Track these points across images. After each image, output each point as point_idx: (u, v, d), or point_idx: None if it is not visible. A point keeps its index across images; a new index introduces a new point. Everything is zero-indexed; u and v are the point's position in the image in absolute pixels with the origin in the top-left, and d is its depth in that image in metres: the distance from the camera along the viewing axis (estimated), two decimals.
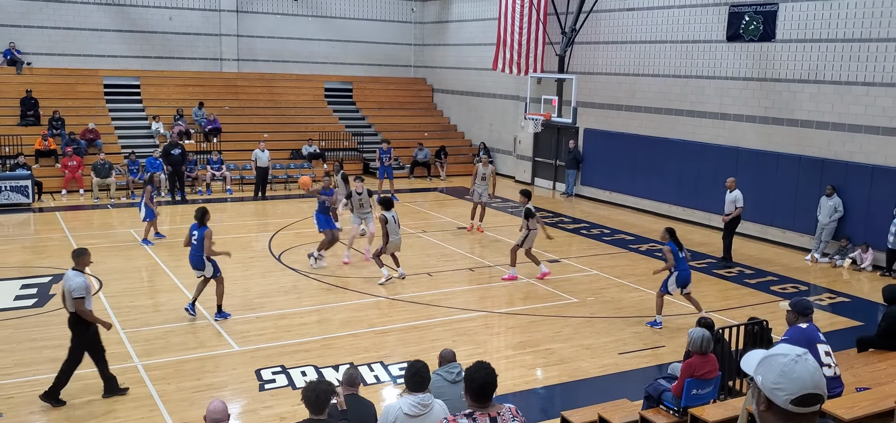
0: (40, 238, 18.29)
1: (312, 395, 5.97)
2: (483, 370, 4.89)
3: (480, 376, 4.85)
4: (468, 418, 4.76)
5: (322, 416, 6.00)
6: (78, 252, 9.64)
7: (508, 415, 4.85)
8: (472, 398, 4.86)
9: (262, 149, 23.66)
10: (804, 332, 7.66)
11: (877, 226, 16.91)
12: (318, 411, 5.96)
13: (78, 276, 9.30)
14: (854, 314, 13.82)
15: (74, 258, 9.56)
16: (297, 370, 10.49)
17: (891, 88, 16.82)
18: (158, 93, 28.72)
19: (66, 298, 9.28)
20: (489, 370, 4.90)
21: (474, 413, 4.79)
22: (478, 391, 4.84)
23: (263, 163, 23.65)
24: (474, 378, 4.85)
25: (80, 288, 9.18)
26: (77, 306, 9.23)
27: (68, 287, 9.19)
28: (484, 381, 4.84)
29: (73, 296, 9.18)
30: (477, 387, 4.84)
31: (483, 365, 4.93)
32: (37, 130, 24.68)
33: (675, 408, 7.98)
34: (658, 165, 22.36)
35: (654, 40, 22.59)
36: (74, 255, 9.61)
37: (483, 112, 30.68)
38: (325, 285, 14.68)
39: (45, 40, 27.73)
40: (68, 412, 9.20)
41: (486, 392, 4.85)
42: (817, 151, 18.34)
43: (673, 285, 12.66)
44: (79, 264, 9.50)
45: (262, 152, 23.63)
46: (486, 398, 4.85)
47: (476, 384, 4.84)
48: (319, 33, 32.20)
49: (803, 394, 2.59)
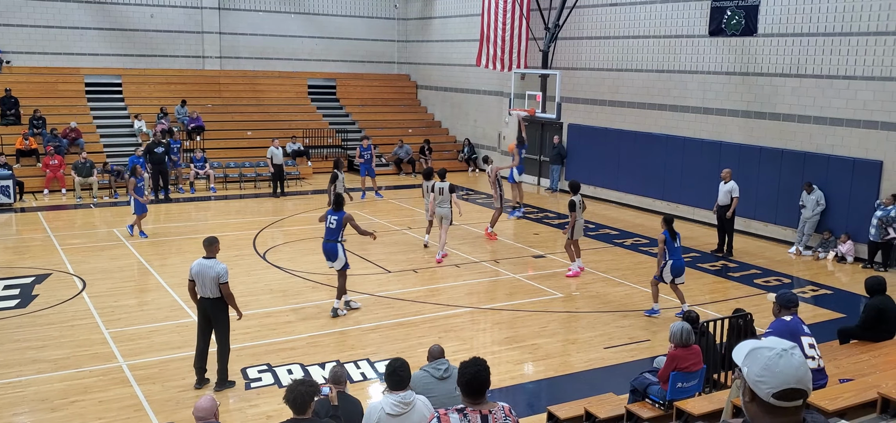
0: (22, 239, 18.13)
1: (294, 396, 5.96)
2: (474, 365, 4.86)
3: (470, 371, 4.84)
4: (459, 413, 4.74)
5: (306, 415, 5.99)
6: (209, 241, 9.92)
7: (501, 415, 4.81)
8: (463, 393, 4.86)
9: (276, 146, 23.76)
10: (788, 324, 7.72)
11: (858, 219, 17.07)
12: (301, 411, 5.95)
13: (217, 263, 9.66)
14: (836, 306, 13.96)
15: (206, 247, 9.83)
16: (284, 369, 10.47)
17: (871, 82, 16.98)
18: (140, 91, 28.53)
19: (207, 284, 9.58)
20: (480, 367, 4.86)
21: (466, 409, 4.77)
22: (466, 387, 4.84)
23: (278, 160, 23.78)
24: (464, 373, 4.85)
25: (225, 273, 9.62)
26: (224, 290, 9.62)
27: (212, 274, 9.54)
28: (472, 376, 4.81)
29: (220, 281, 9.58)
30: (465, 382, 4.84)
31: (476, 361, 4.90)
32: (17, 130, 24.45)
33: (661, 401, 8.03)
34: (642, 160, 22.46)
35: (637, 35, 22.68)
36: (206, 243, 9.88)
37: (467, 108, 30.69)
38: (310, 284, 14.65)
39: (25, 39, 27.46)
40: (55, 414, 9.13)
41: (475, 388, 4.82)
42: (799, 145, 18.49)
43: (668, 274, 12.73)
44: (210, 252, 9.80)
45: (276, 150, 23.73)
46: (477, 394, 4.82)
47: (465, 378, 4.84)
48: (302, 30, 32.08)
49: (785, 389, 2.61)
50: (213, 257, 9.76)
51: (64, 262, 15.62)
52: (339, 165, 18.97)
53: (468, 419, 4.71)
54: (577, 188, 15.62)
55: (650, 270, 16.21)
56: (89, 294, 13.57)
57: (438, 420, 4.74)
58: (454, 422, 4.71)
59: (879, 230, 16.31)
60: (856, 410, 6.85)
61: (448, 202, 16.68)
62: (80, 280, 14.36)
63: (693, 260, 17.08)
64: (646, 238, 19.04)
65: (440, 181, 16.83)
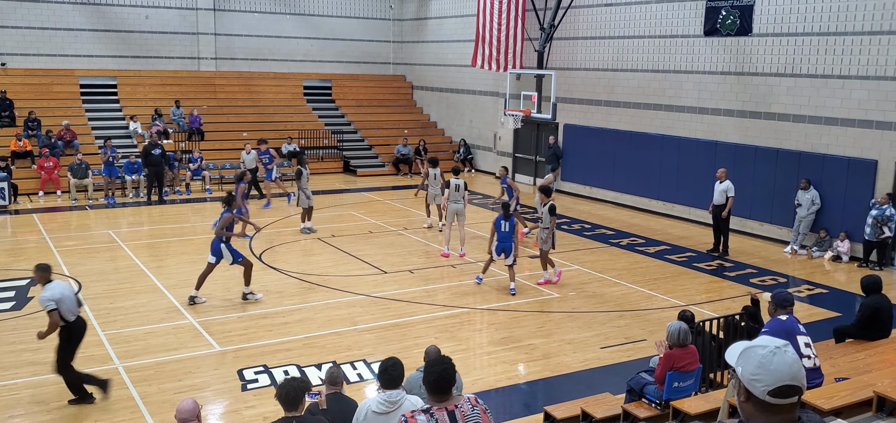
0: (17, 241, 18.08)
1: (285, 392, 5.95)
2: (440, 364, 4.88)
3: (436, 370, 4.84)
4: (426, 414, 4.76)
5: (298, 413, 5.99)
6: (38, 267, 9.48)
7: (467, 407, 4.84)
8: (430, 392, 4.86)
9: (247, 151, 23.07)
10: (784, 324, 7.73)
11: (853, 218, 17.11)
12: (293, 407, 5.95)
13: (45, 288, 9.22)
14: (832, 305, 13.99)
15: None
16: (280, 370, 10.46)
17: (866, 81, 17.02)
18: (135, 92, 28.47)
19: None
20: (447, 365, 4.88)
21: (432, 408, 4.79)
22: (433, 386, 4.84)
23: (250, 165, 23.08)
24: (431, 372, 4.86)
25: (44, 300, 9.12)
26: None
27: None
28: (439, 376, 4.83)
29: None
30: (432, 382, 4.85)
31: (443, 359, 4.93)
32: (12, 131, 24.39)
33: (657, 401, 8.04)
34: (637, 160, 22.49)
35: (632, 36, 22.71)
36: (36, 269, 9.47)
37: (463, 109, 30.69)
38: (306, 285, 14.64)
39: (19, 40, 27.40)
40: (51, 416, 9.11)
41: (442, 387, 4.84)
42: (794, 144, 18.53)
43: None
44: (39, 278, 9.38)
45: (247, 154, 23.03)
46: (445, 393, 4.84)
47: (432, 377, 4.84)
48: (298, 31, 32.06)
49: (780, 386, 2.62)
50: (41, 283, 9.28)
51: (59, 264, 15.58)
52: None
53: (435, 418, 4.74)
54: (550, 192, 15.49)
55: (648, 270, 16.28)
56: (85, 296, 13.51)
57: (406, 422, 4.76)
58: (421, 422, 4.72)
59: (875, 229, 16.34)
60: (851, 409, 6.87)
61: (462, 199, 17.02)
62: (75, 282, 14.33)
63: (689, 260, 17.11)
64: (642, 238, 19.06)
65: (455, 178, 17.25)
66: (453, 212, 17.04)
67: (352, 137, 30.30)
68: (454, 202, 17.00)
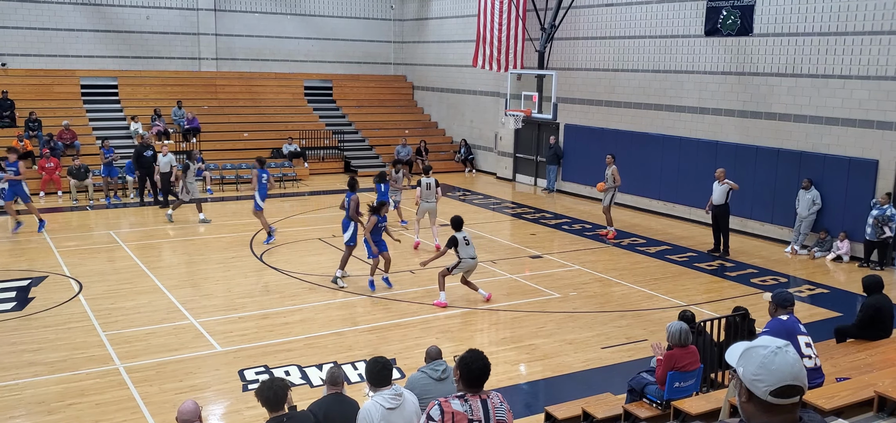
0: (18, 241, 18.07)
1: (272, 393, 5.94)
2: (480, 359, 5.19)
3: (478, 366, 5.16)
4: (460, 399, 5.10)
5: (284, 411, 6.00)
6: None
7: (497, 400, 5.21)
8: (466, 385, 5.17)
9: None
10: (784, 324, 7.72)
11: (854, 218, 17.10)
12: (278, 406, 5.95)
13: None
14: (833, 305, 13.98)
15: None
16: (281, 370, 10.45)
17: (867, 81, 17.02)
18: (136, 93, 28.49)
19: None
20: (486, 361, 5.22)
21: (465, 395, 5.13)
22: (475, 379, 5.15)
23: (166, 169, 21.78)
24: (472, 367, 5.15)
25: None
26: None
27: None
28: (481, 369, 5.17)
29: None
30: (475, 376, 5.15)
31: (479, 355, 5.23)
32: (13, 132, 24.40)
33: (658, 401, 8.03)
34: (638, 160, 22.47)
35: (633, 36, 22.70)
36: None
37: (464, 109, 30.69)
38: (307, 285, 14.64)
39: (20, 41, 27.42)
40: (53, 416, 9.12)
41: (482, 380, 5.19)
42: (795, 144, 18.52)
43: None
44: None
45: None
46: (481, 385, 5.19)
47: (474, 373, 5.15)
48: (298, 31, 32.07)
49: (782, 386, 2.62)
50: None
51: (60, 264, 15.59)
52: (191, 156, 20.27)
53: (469, 403, 5.09)
54: (460, 225, 13.67)
55: (649, 270, 16.27)
56: (86, 297, 13.55)
57: (440, 407, 5.05)
58: (456, 407, 5.05)
59: (875, 229, 16.34)
60: (852, 409, 6.87)
61: (434, 198, 17.60)
62: (76, 283, 14.34)
63: (690, 260, 17.11)
64: (643, 238, 19.06)
65: (425, 177, 17.86)
66: (425, 210, 17.64)
67: (353, 138, 30.31)
68: (426, 201, 17.58)
